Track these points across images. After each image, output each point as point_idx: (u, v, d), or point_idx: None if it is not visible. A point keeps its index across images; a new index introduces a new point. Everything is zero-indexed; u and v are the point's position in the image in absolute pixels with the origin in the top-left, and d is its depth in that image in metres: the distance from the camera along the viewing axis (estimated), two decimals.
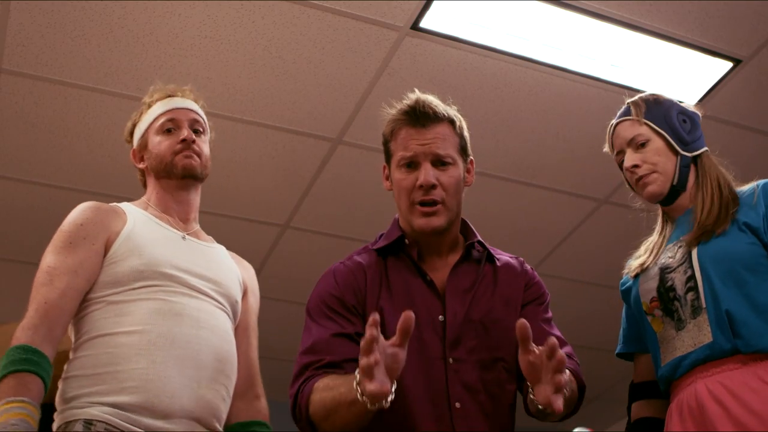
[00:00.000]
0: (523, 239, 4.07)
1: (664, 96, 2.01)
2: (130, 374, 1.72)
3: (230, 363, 1.89)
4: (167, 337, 1.77)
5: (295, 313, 4.37)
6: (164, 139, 2.03)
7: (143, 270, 1.83)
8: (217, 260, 2.02)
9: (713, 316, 1.75)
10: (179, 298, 1.83)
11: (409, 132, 1.82)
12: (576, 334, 4.78)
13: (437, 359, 1.76)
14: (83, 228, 1.87)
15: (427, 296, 1.82)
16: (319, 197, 3.76)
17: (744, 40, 3.07)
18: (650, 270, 1.91)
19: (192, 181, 2.04)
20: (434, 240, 1.85)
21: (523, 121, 3.44)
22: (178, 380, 1.74)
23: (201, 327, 1.83)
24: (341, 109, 3.31)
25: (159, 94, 2.11)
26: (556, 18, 2.93)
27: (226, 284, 1.97)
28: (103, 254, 1.86)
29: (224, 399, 1.85)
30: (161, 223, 1.97)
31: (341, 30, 2.96)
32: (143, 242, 1.88)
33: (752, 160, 3.67)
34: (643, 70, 3.18)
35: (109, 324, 1.78)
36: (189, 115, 2.07)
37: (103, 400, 1.69)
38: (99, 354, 1.76)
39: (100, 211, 1.93)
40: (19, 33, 2.88)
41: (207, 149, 2.08)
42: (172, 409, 1.72)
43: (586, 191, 3.83)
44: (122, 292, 1.82)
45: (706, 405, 1.70)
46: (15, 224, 3.79)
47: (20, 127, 3.27)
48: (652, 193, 1.93)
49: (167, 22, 2.89)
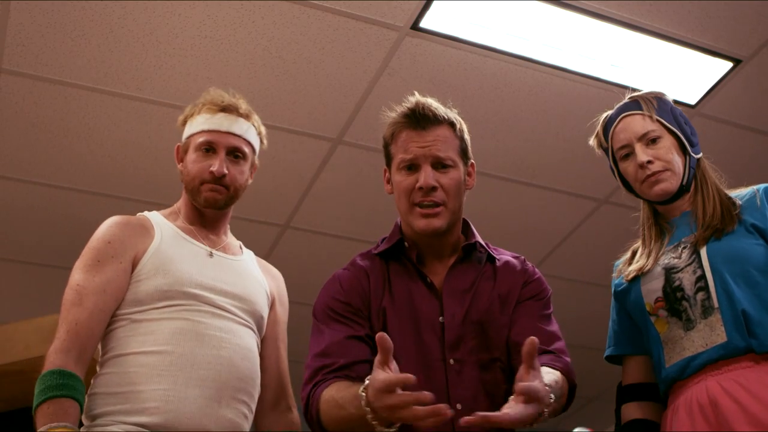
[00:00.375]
0: (523, 239, 4.07)
1: (666, 96, 2.00)
2: (151, 395, 1.75)
3: (252, 380, 1.90)
4: (188, 358, 1.80)
5: (295, 312, 4.36)
6: (199, 159, 1.99)
7: (167, 290, 1.85)
8: (244, 274, 2.01)
9: (729, 316, 1.74)
10: (202, 318, 1.85)
11: (410, 134, 1.82)
12: (576, 334, 4.78)
13: (437, 361, 1.76)
14: (111, 246, 1.88)
15: (427, 298, 1.82)
16: (319, 197, 3.76)
17: (744, 40, 3.07)
18: (653, 271, 1.89)
19: (216, 210, 2.03)
20: (435, 242, 1.85)
21: (523, 121, 3.44)
22: (199, 401, 1.77)
23: (223, 347, 1.85)
24: (341, 109, 3.31)
25: (210, 105, 2.03)
26: (556, 18, 2.93)
27: (252, 300, 1.97)
28: (130, 272, 1.88)
29: (246, 416, 1.87)
30: (188, 237, 1.98)
31: (341, 30, 2.96)
32: (169, 260, 1.89)
33: (752, 160, 3.67)
34: (644, 70, 3.18)
35: (132, 343, 1.81)
36: (230, 142, 2.00)
37: (124, 419, 1.73)
38: (121, 373, 1.79)
39: (128, 227, 1.94)
40: (19, 33, 2.88)
41: (242, 177, 2.02)
42: (192, 429, 1.74)
43: (586, 191, 3.83)
44: (145, 311, 1.84)
45: (720, 402, 1.69)
46: (15, 224, 3.78)
47: (20, 126, 3.27)
48: (665, 190, 1.89)
49: (167, 22, 2.89)
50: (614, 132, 1.97)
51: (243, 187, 2.04)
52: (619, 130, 1.95)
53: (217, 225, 2.05)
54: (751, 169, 3.69)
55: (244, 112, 2.05)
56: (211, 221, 2.04)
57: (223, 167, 1.97)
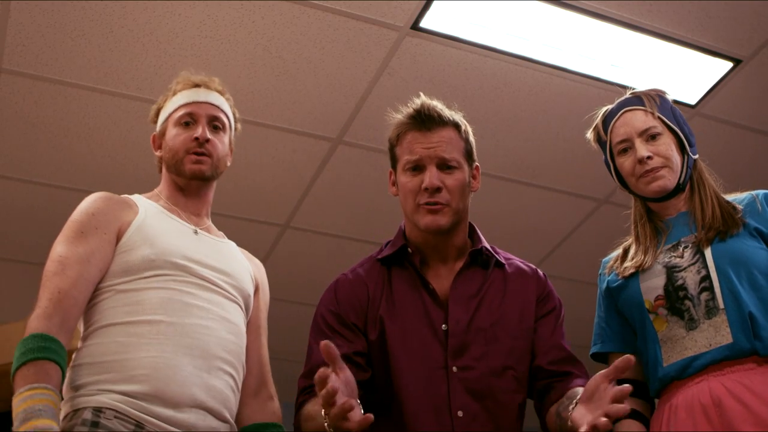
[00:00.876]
0: (523, 239, 4.07)
1: (667, 94, 1.99)
2: (139, 362, 1.70)
3: (238, 355, 1.87)
4: (177, 327, 1.76)
5: (295, 312, 4.37)
6: (180, 132, 1.99)
7: (154, 259, 1.82)
8: (229, 254, 2.00)
9: (735, 318, 1.73)
10: (190, 288, 1.82)
11: (415, 136, 1.83)
12: (576, 334, 4.77)
13: (439, 368, 1.75)
14: (95, 218, 1.85)
15: (429, 305, 1.81)
16: (319, 197, 3.76)
17: (744, 40, 3.07)
18: (652, 269, 1.87)
19: (201, 183, 2.02)
20: (439, 244, 1.85)
21: (523, 121, 3.44)
22: (188, 369, 1.73)
23: (210, 318, 1.82)
24: (341, 108, 3.31)
25: (184, 83, 2.07)
26: (556, 18, 2.93)
27: (239, 277, 1.95)
28: (114, 244, 1.84)
29: (233, 389, 1.84)
30: (172, 216, 1.96)
31: (341, 30, 2.96)
32: (155, 232, 1.86)
33: (752, 160, 3.67)
34: (644, 70, 3.18)
35: (119, 313, 1.77)
36: (209, 111, 2.02)
37: (111, 387, 1.68)
38: (108, 342, 1.74)
39: (112, 201, 1.91)
40: (19, 33, 2.88)
41: (223, 147, 2.03)
42: (182, 398, 1.70)
43: (586, 191, 3.83)
44: (132, 281, 1.80)
45: (724, 403, 1.68)
46: (15, 224, 3.79)
47: (20, 126, 3.27)
48: (663, 186, 1.88)
49: (167, 22, 2.89)
50: (614, 126, 1.96)
51: (224, 159, 2.03)
52: (620, 125, 1.94)
53: (198, 206, 2.02)
54: (751, 169, 3.69)
55: (219, 87, 2.08)
56: (194, 202, 2.01)
57: (206, 132, 1.97)
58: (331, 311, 1.83)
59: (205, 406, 1.74)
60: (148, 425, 1.66)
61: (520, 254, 2.00)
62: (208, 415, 1.75)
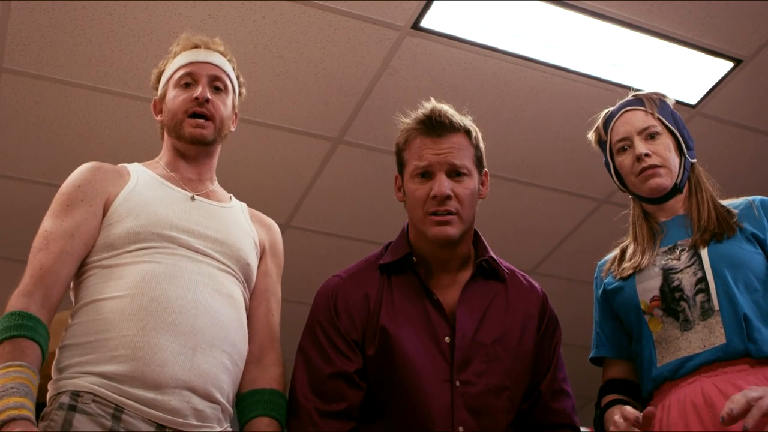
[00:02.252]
0: (524, 239, 4.08)
1: (668, 98, 2.00)
2: (119, 342, 1.62)
3: (234, 329, 1.75)
4: (160, 302, 1.66)
5: (295, 311, 4.36)
6: (180, 93, 1.91)
7: (139, 231, 1.73)
8: (229, 221, 1.89)
9: (730, 319, 1.74)
10: (177, 260, 1.72)
11: (424, 141, 1.78)
12: (576, 334, 4.78)
13: (444, 381, 1.71)
14: (81, 190, 1.79)
15: (433, 316, 1.77)
16: (319, 197, 3.76)
17: (745, 40, 3.07)
18: (649, 270, 1.88)
19: (202, 147, 1.92)
20: (445, 254, 1.80)
21: (523, 121, 3.44)
22: (171, 348, 1.63)
23: (199, 291, 1.71)
24: (342, 108, 3.31)
25: (184, 44, 1.98)
26: (557, 18, 2.93)
27: (235, 246, 1.84)
28: (101, 216, 1.77)
29: (227, 368, 1.72)
30: (167, 183, 1.87)
31: (342, 29, 2.96)
32: (142, 202, 1.78)
33: (752, 160, 3.67)
34: (644, 70, 3.18)
35: (102, 289, 1.69)
36: (210, 71, 1.93)
37: (91, 369, 1.61)
38: (89, 321, 1.67)
39: (100, 171, 1.84)
40: (19, 32, 2.88)
41: (225, 109, 1.94)
42: (163, 379, 1.61)
43: (586, 191, 3.83)
44: (117, 256, 1.72)
45: (716, 403, 1.68)
46: (15, 223, 3.79)
47: (21, 126, 3.27)
48: (660, 185, 1.89)
49: (168, 22, 2.89)
50: (614, 125, 1.98)
51: (227, 122, 1.95)
52: (620, 124, 1.96)
53: (201, 170, 1.94)
54: (751, 168, 3.69)
55: (220, 48, 2.00)
56: (195, 165, 1.93)
57: (206, 92, 1.89)
58: (332, 325, 1.77)
59: (189, 386, 1.64)
60: (128, 408, 1.59)
61: (520, 254, 2.00)
62: (194, 396, 1.64)
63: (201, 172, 1.94)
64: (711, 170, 2.00)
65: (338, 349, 1.75)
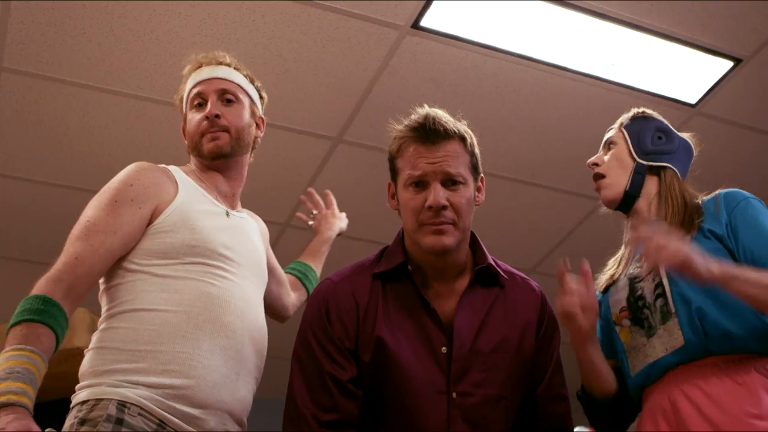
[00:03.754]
0: (523, 238, 4.07)
1: (655, 116, 2.04)
2: (173, 356, 1.63)
3: (263, 356, 1.84)
4: (215, 324, 1.69)
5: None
6: (194, 115, 1.93)
7: (195, 245, 1.74)
8: (252, 235, 1.95)
9: (684, 318, 1.74)
10: (227, 285, 1.75)
11: (418, 149, 1.73)
12: None
13: (440, 393, 1.69)
14: (133, 189, 1.77)
15: (429, 327, 1.73)
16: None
17: (745, 39, 3.07)
18: (619, 281, 1.91)
19: (224, 161, 1.93)
20: (441, 263, 1.76)
21: (523, 120, 3.44)
22: (221, 371, 1.67)
23: (245, 318, 1.76)
24: (341, 107, 3.31)
25: (191, 66, 2.01)
26: (557, 17, 2.93)
27: (259, 261, 1.92)
28: (147, 220, 1.76)
29: (252, 391, 1.81)
30: (207, 195, 1.88)
31: (342, 29, 2.96)
32: (195, 216, 1.79)
33: (752, 160, 3.67)
34: (644, 69, 3.18)
35: (153, 299, 1.69)
36: (217, 85, 1.95)
37: (141, 380, 1.61)
38: (140, 329, 1.66)
39: (153, 175, 1.84)
40: (19, 31, 2.88)
41: (240, 119, 1.94)
42: (210, 400, 1.65)
43: (586, 190, 3.81)
44: (170, 266, 1.72)
45: (680, 406, 1.69)
46: (16, 222, 3.79)
47: (21, 125, 3.27)
48: (605, 198, 2.00)
49: (168, 21, 2.89)
50: None
51: (245, 130, 1.95)
52: None
53: (233, 185, 1.96)
54: (751, 168, 3.69)
55: (225, 60, 2.01)
56: (227, 180, 1.95)
57: (215, 108, 1.90)
58: (324, 333, 1.74)
59: (228, 410, 1.69)
60: (169, 425, 1.61)
61: (520, 253, 2.00)
62: (229, 419, 1.71)
63: (234, 187, 1.97)
64: (711, 170, 2.00)
65: (331, 357, 1.72)
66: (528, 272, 4.22)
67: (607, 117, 2.06)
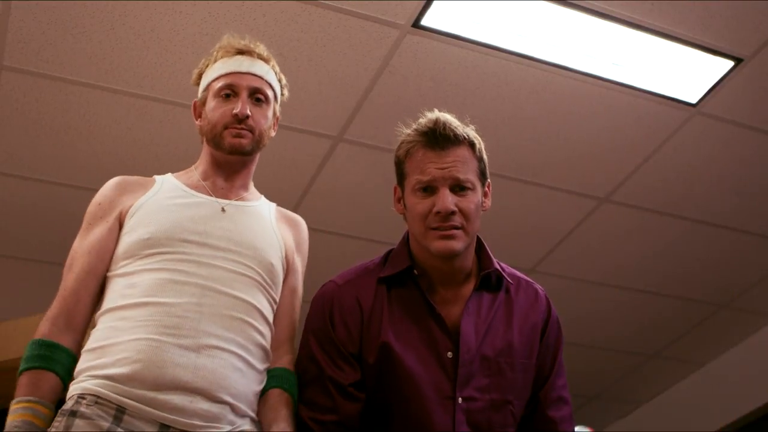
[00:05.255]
0: (524, 238, 4.07)
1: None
2: (125, 346, 1.66)
3: (246, 332, 1.75)
4: (166, 308, 1.70)
5: None
6: (220, 105, 1.88)
7: (149, 238, 1.76)
8: (254, 222, 1.90)
9: None
10: (186, 266, 1.74)
11: (427, 154, 1.73)
12: (576, 333, 4.79)
13: (446, 399, 1.69)
14: (101, 207, 1.85)
15: (435, 332, 1.73)
16: (319, 195, 3.76)
17: (745, 39, 3.07)
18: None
19: (241, 157, 1.92)
20: (447, 268, 1.76)
21: (524, 120, 3.44)
22: (171, 350, 1.65)
23: (206, 295, 1.72)
24: (342, 106, 3.31)
25: (225, 49, 1.94)
26: (558, 16, 2.93)
27: (258, 247, 1.85)
28: (117, 230, 1.82)
29: (239, 369, 1.72)
30: (192, 191, 1.88)
31: (342, 28, 2.96)
32: (157, 210, 1.81)
33: (753, 160, 3.67)
34: (645, 69, 3.18)
35: (116, 298, 1.75)
36: (251, 82, 1.91)
37: (98, 373, 1.66)
38: (105, 328, 1.72)
39: (120, 185, 1.88)
40: (20, 30, 2.88)
41: (266, 121, 1.93)
42: (163, 380, 1.63)
43: (587, 190, 3.83)
44: (130, 264, 1.76)
45: None
46: (16, 222, 3.79)
47: (21, 124, 3.27)
48: None
49: (168, 20, 2.89)
50: None
51: (267, 134, 1.94)
52: None
53: (235, 177, 1.94)
54: (751, 168, 3.69)
55: (263, 54, 1.97)
56: (230, 173, 1.93)
57: (246, 108, 1.86)
58: (327, 336, 1.74)
59: (191, 388, 1.65)
60: (129, 408, 1.62)
61: (521, 253, 2.00)
62: (197, 397, 1.65)
63: (234, 180, 1.95)
64: (711, 169, 2.00)
65: (333, 361, 1.72)
66: (528, 272, 4.23)
67: (607, 117, 2.07)
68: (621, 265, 4.27)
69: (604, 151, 3.55)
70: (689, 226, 4.01)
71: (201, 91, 1.97)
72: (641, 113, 3.38)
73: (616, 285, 4.41)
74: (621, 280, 4.37)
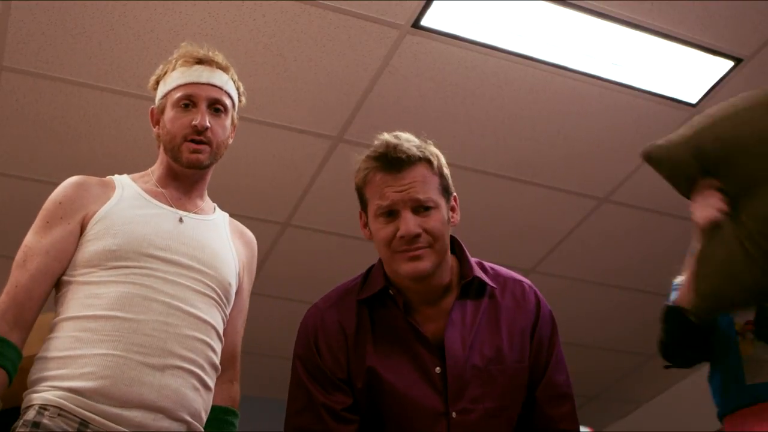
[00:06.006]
0: (524, 238, 4.07)
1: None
2: (90, 360, 1.65)
3: (203, 352, 1.77)
4: (132, 324, 1.69)
5: (295, 311, 4.37)
6: (179, 115, 1.88)
7: (116, 250, 1.75)
8: (213, 240, 1.90)
9: None
10: (153, 283, 1.74)
11: (384, 178, 1.70)
12: (576, 333, 4.78)
13: (438, 416, 1.66)
14: (61, 207, 1.82)
15: (419, 350, 1.70)
16: (319, 195, 3.76)
17: (745, 39, 3.07)
18: None
19: (197, 171, 1.92)
20: (422, 287, 1.72)
21: (523, 120, 3.44)
22: (138, 369, 1.66)
23: (172, 314, 1.73)
24: (342, 107, 3.31)
25: (185, 59, 1.94)
26: (557, 16, 2.93)
27: (219, 267, 1.85)
28: (78, 234, 1.80)
29: (197, 389, 1.74)
30: (153, 200, 1.87)
31: (342, 28, 2.96)
32: (123, 220, 1.79)
33: None
34: (644, 69, 3.18)
35: (77, 306, 1.73)
36: (210, 93, 1.89)
37: (60, 384, 1.65)
38: (65, 337, 1.70)
39: (82, 187, 1.86)
40: (20, 30, 2.88)
41: (224, 132, 1.92)
42: (129, 397, 1.64)
43: (586, 190, 3.83)
44: (93, 273, 1.75)
45: None
46: (16, 222, 3.78)
47: (21, 124, 3.28)
48: None
49: (168, 20, 2.89)
50: None
51: (224, 144, 1.94)
52: None
53: (192, 188, 1.94)
54: None
55: (222, 64, 1.96)
56: (187, 184, 1.93)
57: (206, 120, 1.86)
58: (314, 364, 1.72)
59: (155, 407, 1.67)
60: (93, 423, 1.62)
61: (520, 253, 1.99)
62: (158, 415, 1.67)
63: (191, 191, 1.95)
64: None
65: (323, 387, 1.70)
66: (528, 272, 4.23)
67: (607, 117, 2.07)
68: (621, 265, 4.27)
69: (604, 151, 3.55)
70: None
71: (159, 99, 1.96)
72: (641, 113, 3.38)
73: (616, 285, 4.41)
74: (621, 280, 4.37)
